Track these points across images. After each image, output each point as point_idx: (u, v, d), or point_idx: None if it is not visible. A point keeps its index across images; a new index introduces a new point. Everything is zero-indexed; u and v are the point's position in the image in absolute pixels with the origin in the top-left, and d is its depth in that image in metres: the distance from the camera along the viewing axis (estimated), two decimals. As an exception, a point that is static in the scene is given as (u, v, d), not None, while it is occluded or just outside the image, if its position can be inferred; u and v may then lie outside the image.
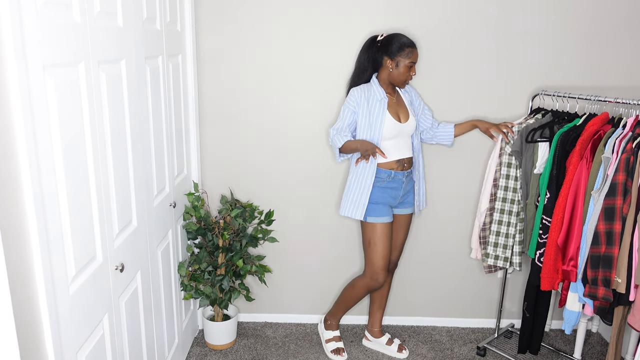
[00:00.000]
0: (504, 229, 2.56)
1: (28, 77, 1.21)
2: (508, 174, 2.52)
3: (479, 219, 2.66)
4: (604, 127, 2.29)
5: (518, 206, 2.53)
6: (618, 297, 2.12)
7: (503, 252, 2.57)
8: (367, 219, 2.51)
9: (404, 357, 2.77)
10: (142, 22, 1.96)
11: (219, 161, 2.85)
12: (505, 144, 2.53)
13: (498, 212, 2.56)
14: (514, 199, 2.53)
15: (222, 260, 2.68)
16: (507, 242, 2.56)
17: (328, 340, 2.80)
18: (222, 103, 2.77)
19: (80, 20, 1.45)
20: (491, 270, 2.68)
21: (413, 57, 2.39)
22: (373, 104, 2.43)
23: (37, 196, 1.26)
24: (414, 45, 2.40)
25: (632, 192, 2.05)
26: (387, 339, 2.83)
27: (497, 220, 2.57)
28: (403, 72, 2.40)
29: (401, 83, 2.44)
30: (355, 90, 2.45)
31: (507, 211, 2.54)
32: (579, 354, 2.66)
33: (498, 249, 2.58)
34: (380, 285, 2.59)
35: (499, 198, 2.56)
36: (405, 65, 2.39)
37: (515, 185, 2.52)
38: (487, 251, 2.61)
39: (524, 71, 2.73)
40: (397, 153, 2.47)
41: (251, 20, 2.66)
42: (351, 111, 2.44)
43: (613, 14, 2.66)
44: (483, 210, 2.64)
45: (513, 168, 2.51)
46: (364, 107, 2.42)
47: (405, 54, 2.38)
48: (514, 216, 2.54)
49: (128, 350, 1.89)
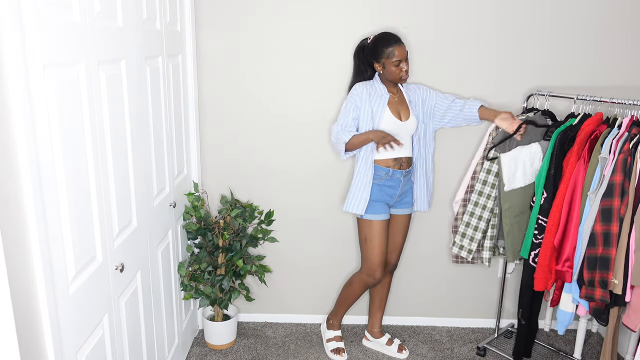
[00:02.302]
0: (474, 221, 2.57)
1: (28, 77, 1.21)
2: (489, 169, 2.52)
3: (454, 208, 2.69)
4: (600, 127, 2.29)
5: (493, 202, 2.53)
6: (614, 298, 2.12)
7: (469, 243, 2.60)
8: (363, 215, 2.52)
9: (404, 357, 2.77)
10: (142, 22, 1.96)
11: (219, 161, 2.85)
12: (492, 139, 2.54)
13: (472, 204, 2.58)
14: (491, 194, 2.53)
15: (222, 260, 2.68)
16: (474, 235, 2.58)
17: (329, 340, 2.80)
18: (222, 103, 2.77)
19: (80, 20, 1.45)
20: (457, 260, 2.70)
21: (395, 55, 2.35)
22: (375, 99, 2.43)
23: (37, 196, 1.26)
24: (396, 43, 2.35)
25: (629, 193, 2.04)
26: (387, 339, 2.83)
27: (469, 211, 2.58)
28: (393, 71, 2.39)
29: (397, 80, 2.43)
30: (358, 85, 2.46)
31: (481, 205, 2.55)
32: (579, 354, 2.66)
33: (464, 239, 2.60)
34: (376, 281, 2.60)
35: (476, 191, 2.57)
36: (392, 64, 2.37)
37: (495, 181, 2.52)
38: (454, 240, 2.64)
39: (519, 71, 2.73)
40: (395, 151, 2.47)
41: (251, 20, 2.66)
42: (355, 106, 2.43)
43: (609, 14, 2.66)
44: (457, 200, 2.66)
45: (496, 164, 2.51)
46: (366, 103, 2.43)
47: (386, 55, 2.37)
48: (487, 211, 2.54)
49: (128, 350, 1.89)
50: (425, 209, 2.64)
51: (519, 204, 2.50)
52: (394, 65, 2.37)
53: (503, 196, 2.46)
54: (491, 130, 2.59)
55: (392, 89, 2.49)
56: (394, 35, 2.39)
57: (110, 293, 1.71)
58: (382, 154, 2.46)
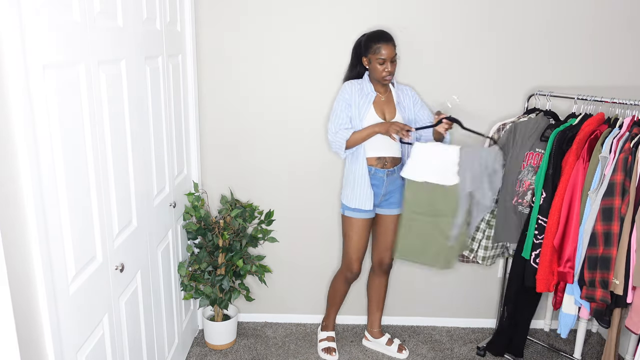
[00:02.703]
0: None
1: (28, 77, 1.21)
2: None
3: None
4: (600, 127, 2.29)
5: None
6: (615, 299, 2.11)
7: (470, 243, 2.62)
8: (345, 212, 2.55)
9: (404, 357, 2.77)
10: (142, 22, 1.96)
11: (219, 161, 2.85)
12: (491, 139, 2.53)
13: None
14: None
15: (222, 260, 2.68)
16: (475, 235, 2.60)
17: (321, 340, 2.82)
18: (222, 103, 2.77)
19: (80, 20, 1.45)
20: (462, 259, 2.70)
21: (381, 53, 2.35)
22: (362, 98, 2.45)
23: (36, 196, 1.26)
24: (384, 41, 2.36)
25: (630, 192, 2.04)
26: (387, 339, 2.83)
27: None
28: (377, 69, 2.39)
29: (380, 79, 2.42)
30: (347, 83, 2.49)
31: None
32: (579, 354, 2.66)
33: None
34: (354, 275, 2.64)
35: None
36: (376, 61, 2.38)
37: None
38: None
39: (520, 71, 2.73)
40: (378, 150, 2.47)
41: (251, 20, 2.66)
42: (346, 103, 2.45)
43: (610, 14, 2.66)
44: None
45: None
46: (355, 100, 2.44)
47: (373, 50, 2.38)
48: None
49: (128, 350, 1.89)
50: None
51: (424, 203, 2.36)
52: (378, 63, 2.37)
53: (406, 183, 2.39)
54: (493, 132, 2.59)
55: (379, 88, 2.49)
56: (386, 34, 2.40)
57: (110, 293, 1.71)
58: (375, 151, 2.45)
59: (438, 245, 2.36)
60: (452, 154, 2.29)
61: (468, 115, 2.78)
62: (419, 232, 2.39)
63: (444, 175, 2.30)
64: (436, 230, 2.35)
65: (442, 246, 2.35)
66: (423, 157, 2.31)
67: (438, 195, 2.32)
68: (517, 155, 2.46)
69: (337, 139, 2.45)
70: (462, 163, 2.28)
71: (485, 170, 2.33)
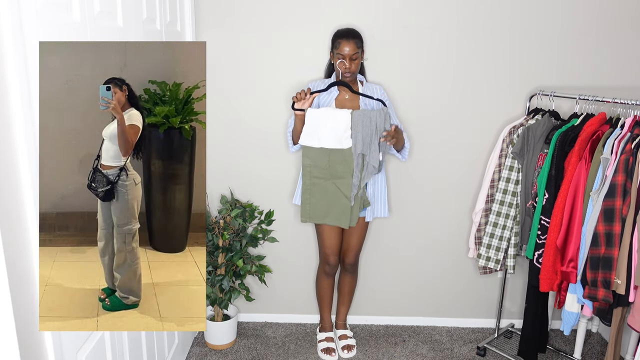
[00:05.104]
0: (499, 231, 2.56)
1: (28, 77, 1.21)
2: (509, 177, 2.52)
3: (475, 219, 2.67)
4: (602, 128, 2.29)
5: (516, 210, 2.52)
6: (617, 298, 2.12)
7: (495, 254, 2.58)
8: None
9: (345, 356, 2.76)
10: (142, 22, 1.96)
11: (219, 161, 2.85)
12: (507, 145, 2.53)
13: (494, 214, 2.56)
14: (512, 202, 2.52)
15: (222, 260, 2.68)
16: (500, 245, 2.57)
17: (320, 341, 2.83)
18: (222, 103, 2.77)
19: (80, 20, 1.45)
20: (485, 271, 2.69)
21: (341, 49, 2.34)
22: (326, 95, 2.46)
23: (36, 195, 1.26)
24: (345, 38, 2.35)
25: (631, 193, 2.04)
26: (342, 334, 2.86)
27: (492, 222, 2.57)
28: (338, 65, 2.38)
29: (341, 75, 2.42)
30: (311, 84, 2.51)
31: (503, 214, 2.54)
32: (579, 354, 2.66)
33: (490, 250, 2.59)
34: (332, 267, 2.68)
35: (497, 200, 2.55)
36: (337, 57, 2.38)
37: (515, 188, 2.51)
38: (479, 252, 2.62)
39: (522, 71, 2.73)
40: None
41: (252, 20, 2.66)
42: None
43: (612, 14, 2.66)
44: (478, 211, 2.65)
45: (515, 172, 2.50)
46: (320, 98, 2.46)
47: (335, 46, 2.39)
48: (510, 219, 2.54)
49: (128, 350, 1.89)
50: (383, 215, 2.63)
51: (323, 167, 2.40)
52: (337, 59, 2.38)
53: (303, 150, 2.41)
54: (504, 136, 2.57)
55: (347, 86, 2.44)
56: (352, 31, 2.40)
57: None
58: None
59: (341, 205, 2.44)
60: (344, 118, 2.32)
61: (470, 115, 2.79)
62: (321, 195, 2.45)
63: (339, 140, 2.35)
64: (337, 192, 2.42)
65: (344, 206, 2.43)
66: (316, 122, 2.34)
67: (335, 159, 2.38)
68: (531, 158, 2.47)
69: (288, 135, 2.51)
70: (354, 126, 2.32)
71: (376, 132, 2.34)
